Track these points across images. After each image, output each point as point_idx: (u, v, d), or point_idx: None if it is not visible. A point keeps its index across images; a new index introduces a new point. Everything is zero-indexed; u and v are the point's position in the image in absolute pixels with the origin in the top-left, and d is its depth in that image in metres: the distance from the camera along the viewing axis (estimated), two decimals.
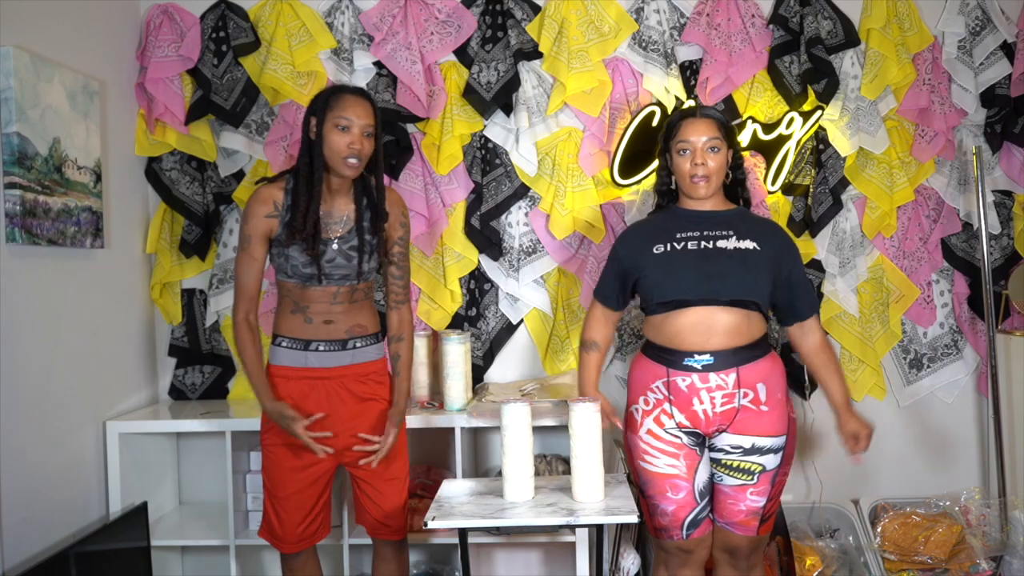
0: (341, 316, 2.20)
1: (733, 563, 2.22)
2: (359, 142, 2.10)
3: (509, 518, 1.89)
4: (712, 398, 2.09)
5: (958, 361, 3.09)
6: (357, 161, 2.11)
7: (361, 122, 2.10)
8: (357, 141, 2.09)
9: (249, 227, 2.14)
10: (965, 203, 3.07)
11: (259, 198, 2.14)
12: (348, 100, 2.11)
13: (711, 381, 2.08)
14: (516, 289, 3.04)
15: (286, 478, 2.20)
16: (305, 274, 2.14)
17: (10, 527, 2.27)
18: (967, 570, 2.77)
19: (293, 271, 2.14)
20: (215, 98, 2.99)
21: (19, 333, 2.34)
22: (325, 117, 2.10)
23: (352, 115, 2.09)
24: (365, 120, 2.11)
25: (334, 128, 2.09)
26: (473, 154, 3.05)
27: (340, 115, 2.09)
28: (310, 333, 2.18)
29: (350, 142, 2.09)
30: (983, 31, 3.01)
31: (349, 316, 2.21)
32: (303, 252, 2.12)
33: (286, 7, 3.02)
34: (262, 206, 2.13)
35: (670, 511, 2.14)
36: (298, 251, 2.12)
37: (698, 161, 2.13)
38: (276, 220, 2.13)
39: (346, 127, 2.09)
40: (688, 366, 2.08)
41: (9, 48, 2.29)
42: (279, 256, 2.16)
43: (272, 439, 2.21)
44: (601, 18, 3.00)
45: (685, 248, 2.13)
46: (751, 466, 2.12)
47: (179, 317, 3.12)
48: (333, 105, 2.10)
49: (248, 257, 2.15)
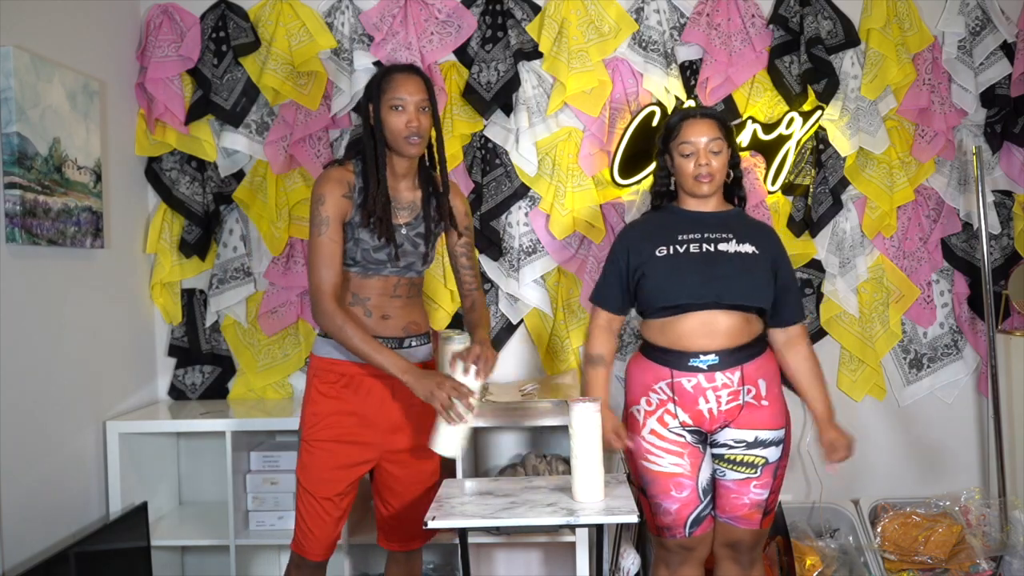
0: (399, 311, 2.14)
1: (735, 557, 2.23)
2: (416, 119, 2.06)
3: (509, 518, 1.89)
4: (718, 397, 2.10)
5: (958, 361, 3.09)
6: (418, 138, 2.07)
7: (415, 99, 2.06)
8: (414, 119, 2.06)
9: (326, 208, 2.04)
10: (965, 203, 3.07)
11: (333, 178, 2.07)
12: (399, 79, 2.08)
13: (717, 380, 2.09)
14: (516, 289, 3.04)
15: (330, 478, 2.10)
16: (375, 260, 2.08)
17: (10, 527, 2.27)
18: (967, 570, 2.77)
19: (363, 256, 2.08)
20: (215, 98, 2.99)
21: (19, 333, 2.34)
22: (380, 101, 2.07)
23: (405, 93, 2.06)
24: (419, 96, 2.07)
25: (391, 110, 2.06)
26: (473, 154, 3.05)
27: (393, 96, 2.06)
28: (368, 327, 2.09)
29: (408, 121, 2.05)
30: (983, 31, 3.01)
31: (405, 312, 2.16)
32: (374, 235, 2.06)
33: (286, 7, 3.02)
34: (338, 186, 2.06)
35: (674, 510, 2.15)
36: (369, 234, 2.06)
37: (702, 162, 2.13)
38: (350, 202, 2.07)
39: (401, 106, 2.05)
40: (694, 367, 2.09)
41: (9, 48, 2.29)
42: (349, 240, 2.08)
43: (320, 433, 2.09)
44: (601, 18, 3.00)
45: (688, 251, 2.13)
46: (754, 459, 2.13)
47: (179, 317, 3.12)
48: (385, 87, 2.07)
49: (329, 241, 2.04)
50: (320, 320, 2.03)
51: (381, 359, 1.99)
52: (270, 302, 3.08)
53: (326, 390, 2.10)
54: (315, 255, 2.05)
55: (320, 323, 2.04)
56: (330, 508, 2.11)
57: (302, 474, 2.11)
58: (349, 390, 2.10)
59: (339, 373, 2.10)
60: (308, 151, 3.03)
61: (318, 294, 2.03)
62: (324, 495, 2.10)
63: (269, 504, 2.81)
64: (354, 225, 2.07)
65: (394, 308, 2.14)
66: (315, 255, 2.05)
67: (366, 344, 1.99)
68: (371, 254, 2.08)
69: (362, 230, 2.07)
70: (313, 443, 2.10)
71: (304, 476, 2.11)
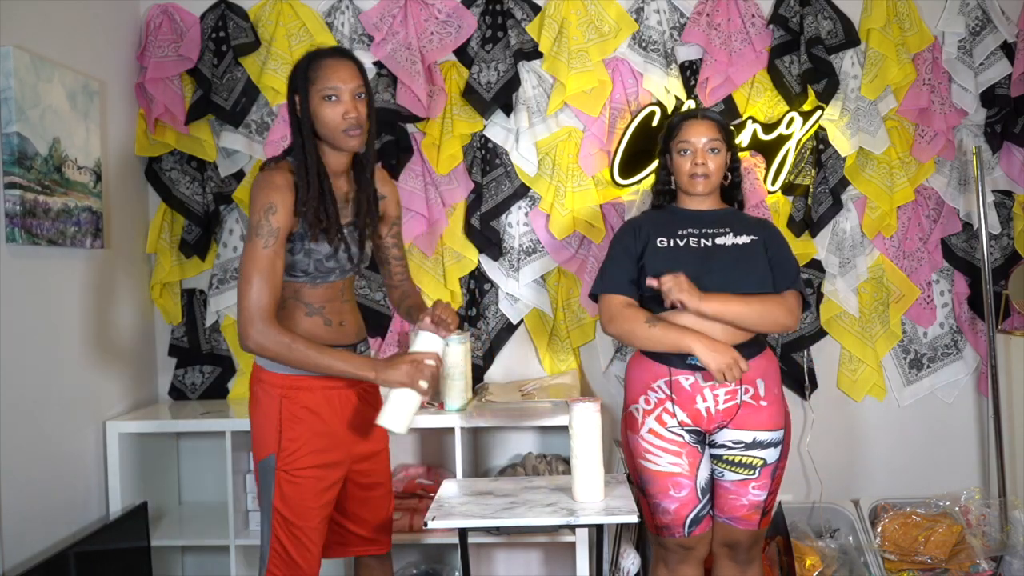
0: (349, 316, 2.04)
1: (733, 556, 2.23)
2: (353, 108, 1.86)
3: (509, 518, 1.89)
4: (715, 396, 2.10)
5: (958, 361, 3.09)
6: (358, 130, 1.88)
7: (350, 86, 1.86)
8: (351, 108, 1.86)
9: (278, 218, 1.83)
10: (965, 203, 3.07)
11: (281, 184, 1.85)
12: (330, 65, 1.87)
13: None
14: (516, 289, 3.04)
15: (316, 505, 1.95)
16: (327, 268, 1.93)
17: (10, 527, 2.27)
18: (967, 570, 2.77)
19: (316, 267, 1.92)
20: (215, 98, 2.99)
21: (19, 333, 2.34)
22: (309, 91, 1.86)
23: (338, 81, 1.85)
24: (353, 83, 1.87)
25: (322, 101, 1.85)
26: (473, 154, 3.05)
27: (325, 85, 1.85)
28: (331, 337, 1.96)
29: (344, 111, 1.86)
30: (983, 31, 3.01)
31: (354, 315, 2.06)
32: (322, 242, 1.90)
33: (286, 7, 3.02)
34: (289, 193, 1.85)
35: (672, 509, 2.15)
36: (317, 243, 1.90)
37: (699, 161, 2.16)
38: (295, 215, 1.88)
39: (335, 96, 1.85)
40: (691, 365, 2.09)
41: (9, 48, 2.29)
42: (298, 252, 1.90)
43: (302, 461, 1.92)
44: (601, 18, 3.00)
45: (687, 245, 2.15)
46: (752, 460, 2.13)
47: (179, 317, 3.12)
48: (314, 76, 1.86)
49: (274, 255, 1.83)
50: (258, 341, 1.80)
51: (345, 366, 1.84)
52: None
53: (298, 413, 1.92)
54: (255, 269, 1.81)
55: (257, 344, 1.80)
56: (318, 536, 1.97)
57: (284, 507, 1.92)
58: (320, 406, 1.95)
59: (308, 389, 1.93)
60: None
61: (257, 313, 1.79)
62: (313, 524, 1.95)
63: None
64: (302, 235, 1.89)
65: (346, 313, 2.03)
66: (255, 269, 1.81)
67: (324, 356, 1.83)
68: (324, 263, 1.93)
69: (310, 240, 1.90)
70: (295, 472, 1.92)
71: (288, 509, 1.92)
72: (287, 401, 1.92)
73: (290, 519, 1.93)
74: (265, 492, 1.96)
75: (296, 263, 1.92)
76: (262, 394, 1.95)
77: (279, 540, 1.94)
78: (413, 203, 2.97)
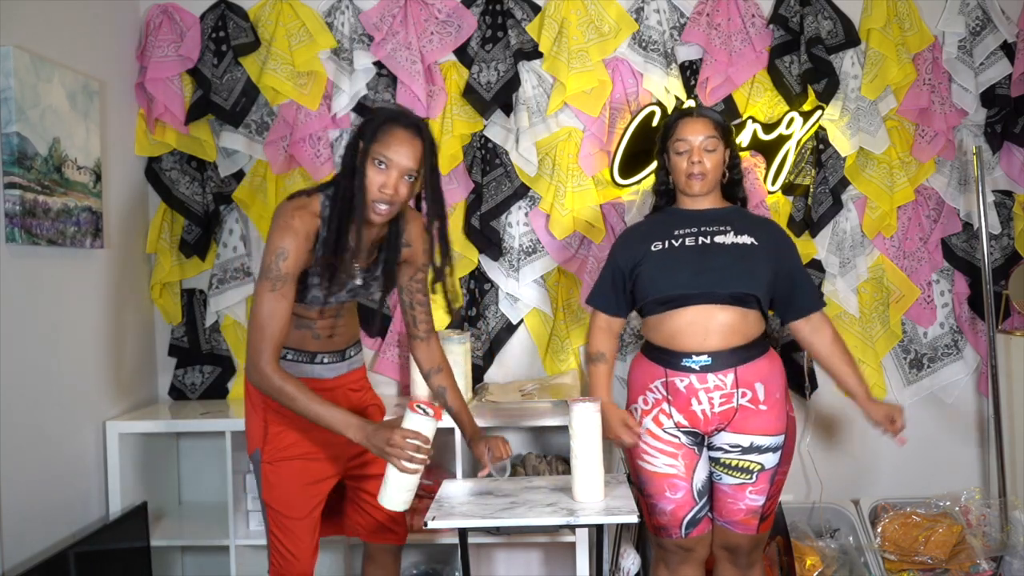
0: (342, 328, 2.10)
1: (733, 560, 2.23)
2: (394, 187, 1.84)
3: (509, 518, 1.89)
4: (710, 398, 2.09)
5: (958, 361, 3.09)
6: (387, 208, 1.86)
7: (403, 166, 1.83)
8: (391, 185, 1.83)
9: (288, 264, 1.85)
10: (965, 203, 3.07)
11: (299, 229, 1.86)
12: (398, 136, 1.83)
13: (709, 382, 2.08)
14: (516, 289, 3.04)
15: (298, 496, 2.01)
16: (324, 302, 1.99)
17: (10, 527, 2.27)
18: (967, 570, 2.76)
19: (312, 300, 1.98)
20: (215, 98, 2.99)
21: (19, 333, 2.34)
22: (367, 147, 1.84)
23: (395, 155, 1.82)
24: (408, 164, 1.83)
25: (372, 162, 1.84)
26: (473, 154, 3.05)
27: (382, 152, 1.83)
28: (317, 346, 2.05)
29: (382, 184, 1.83)
30: (983, 31, 3.01)
31: (347, 327, 2.12)
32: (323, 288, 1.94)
33: (286, 7, 3.02)
34: (305, 240, 1.87)
35: (669, 510, 2.15)
36: (318, 284, 1.94)
37: (695, 159, 2.15)
38: (311, 255, 1.90)
39: (385, 166, 1.83)
40: (686, 367, 2.09)
41: (9, 48, 2.29)
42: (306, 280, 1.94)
43: (277, 453, 2.00)
44: (601, 18, 3.00)
45: (683, 244, 2.14)
46: (750, 465, 2.12)
47: (179, 317, 3.12)
48: (380, 138, 1.84)
49: (283, 299, 1.85)
50: (257, 381, 1.87)
51: (330, 419, 1.84)
52: None
53: (281, 409, 1.96)
54: (265, 313, 1.84)
55: (257, 383, 1.88)
56: (307, 526, 2.03)
57: (270, 497, 2.00)
58: None
59: None
60: (308, 151, 3.03)
61: (260, 355, 1.84)
62: (300, 514, 2.02)
63: None
64: (309, 273, 1.92)
65: (338, 328, 2.08)
66: (265, 313, 1.84)
67: (312, 404, 1.84)
68: (320, 300, 1.98)
69: (315, 277, 1.93)
70: (278, 463, 2.00)
71: (273, 498, 2.00)
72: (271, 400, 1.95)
73: (278, 510, 2.01)
74: (258, 487, 2.05)
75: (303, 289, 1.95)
76: (253, 392, 2.03)
77: (273, 532, 2.03)
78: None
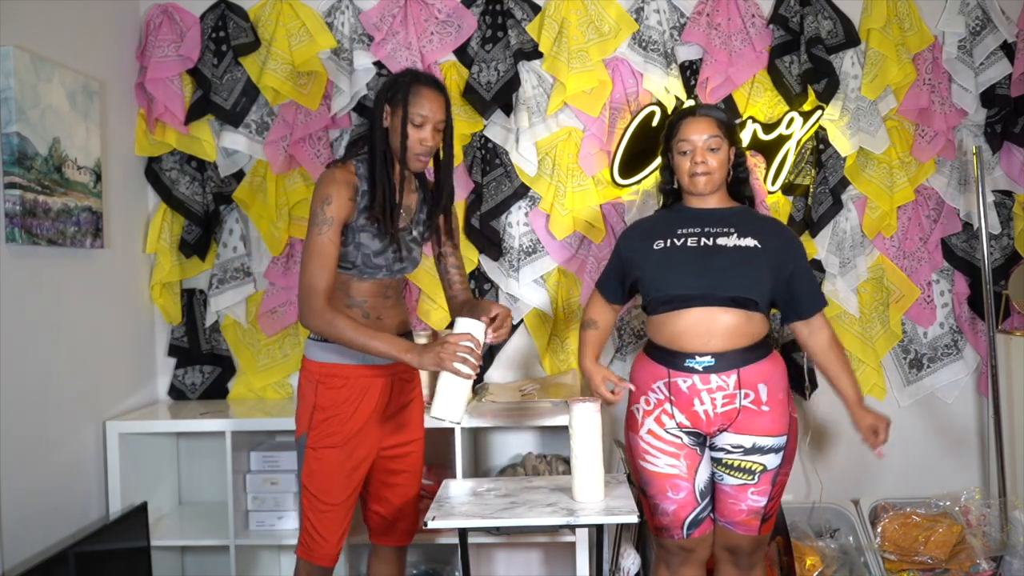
0: (390, 311, 2.15)
1: (734, 561, 2.22)
2: (432, 138, 2.05)
3: (509, 518, 1.89)
4: (713, 399, 2.08)
5: (958, 361, 3.09)
6: (427, 157, 2.07)
7: (436, 118, 2.05)
8: (430, 138, 2.04)
9: (332, 209, 1.99)
10: (965, 203, 3.07)
11: (339, 179, 2.02)
12: (427, 94, 2.04)
13: (712, 382, 2.07)
14: (516, 289, 3.04)
15: (340, 483, 2.08)
16: (374, 264, 2.07)
17: (10, 527, 2.27)
18: (967, 570, 2.77)
19: (363, 260, 2.06)
20: (215, 98, 2.99)
21: (19, 333, 2.34)
22: (401, 110, 2.03)
23: (428, 111, 2.03)
24: (439, 116, 2.05)
25: (409, 123, 2.03)
26: (473, 154, 3.05)
27: (418, 112, 2.02)
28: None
29: (422, 138, 2.04)
30: (983, 31, 3.01)
31: (395, 312, 2.17)
32: (375, 239, 2.04)
33: (286, 7, 3.02)
34: (345, 188, 2.01)
35: (671, 511, 2.14)
36: (370, 238, 2.04)
37: (698, 159, 2.14)
38: (354, 204, 2.03)
39: (421, 123, 2.03)
40: (689, 367, 2.08)
41: (9, 48, 2.29)
42: (349, 244, 2.05)
43: (324, 439, 2.07)
44: (601, 18, 3.00)
45: (685, 244, 2.13)
46: (752, 466, 2.12)
47: (179, 317, 3.12)
48: (412, 98, 2.03)
49: (329, 243, 1.99)
50: (310, 319, 1.99)
51: (379, 344, 1.95)
52: (270, 302, 3.08)
53: (330, 396, 2.07)
54: (313, 255, 2.00)
55: (309, 322, 1.99)
56: (342, 512, 2.11)
57: (310, 481, 2.08)
58: (352, 393, 2.08)
59: (342, 377, 2.07)
60: (308, 151, 3.03)
61: (311, 293, 1.98)
62: (336, 500, 2.09)
63: (269, 504, 2.81)
64: (355, 229, 2.04)
65: (386, 310, 2.14)
66: (313, 255, 2.00)
67: (360, 334, 1.95)
68: (371, 259, 2.07)
69: (363, 233, 2.04)
70: (321, 449, 2.07)
71: (313, 483, 2.08)
72: (322, 387, 2.07)
73: (316, 494, 2.08)
74: (299, 469, 2.12)
75: (346, 254, 2.05)
76: (304, 380, 2.12)
77: (307, 515, 2.10)
78: None
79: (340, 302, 2.08)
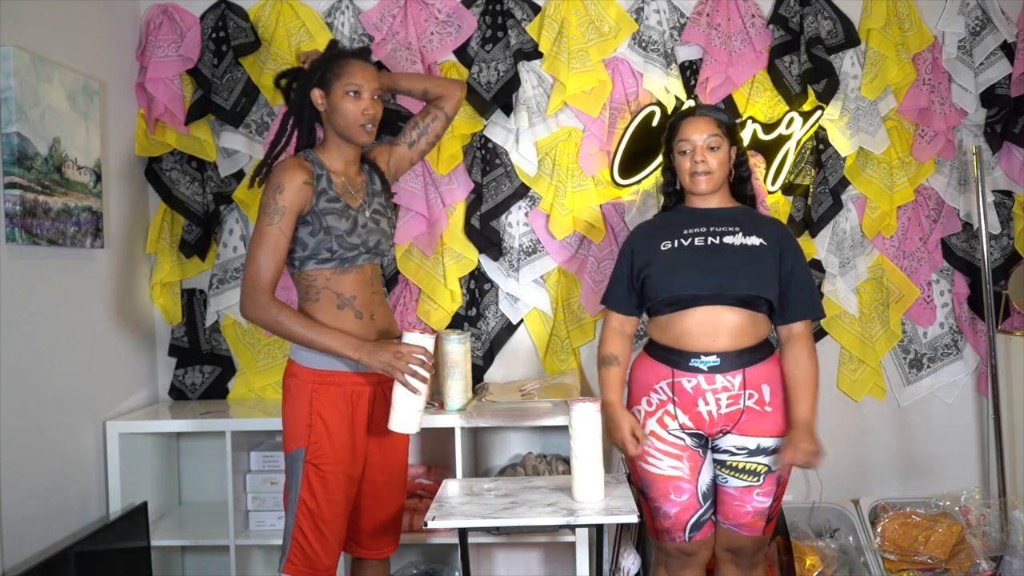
0: (380, 309, 2.11)
1: (736, 562, 2.22)
2: (371, 107, 2.05)
3: (509, 518, 1.89)
4: (718, 400, 2.08)
5: (958, 361, 3.09)
6: (372, 126, 2.06)
7: (372, 86, 2.05)
8: (370, 106, 2.05)
9: (284, 197, 1.94)
10: (965, 203, 3.07)
11: (291, 165, 1.99)
12: (355, 65, 2.05)
13: (717, 383, 2.07)
14: (516, 289, 3.04)
15: (339, 498, 2.02)
16: (350, 245, 2.01)
17: (10, 527, 2.27)
18: (967, 570, 2.77)
19: (339, 244, 2.00)
20: (215, 98, 2.99)
21: (19, 333, 2.34)
22: (333, 86, 2.04)
23: (361, 79, 2.04)
24: (375, 84, 2.06)
25: (345, 96, 2.03)
26: (473, 154, 3.05)
27: (350, 82, 2.03)
28: (363, 332, 2.03)
29: (364, 108, 2.04)
30: (983, 31, 3.01)
31: (385, 310, 2.13)
32: (342, 217, 2.00)
33: (286, 7, 3.02)
34: (298, 173, 1.98)
35: (673, 513, 2.14)
36: (336, 218, 2.00)
37: (698, 159, 2.14)
38: (311, 188, 1.99)
39: (357, 92, 2.03)
40: (694, 367, 2.08)
41: (9, 48, 2.29)
42: (317, 233, 1.99)
43: (332, 456, 1.99)
44: (601, 18, 3.00)
45: (692, 244, 2.12)
46: (756, 467, 2.12)
47: (179, 317, 3.12)
48: (340, 72, 2.04)
49: (279, 232, 1.94)
50: (254, 313, 1.93)
51: (328, 340, 1.91)
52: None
53: (328, 406, 2.00)
54: (261, 245, 1.93)
55: (253, 316, 1.94)
56: (339, 529, 2.05)
57: (312, 499, 1.99)
58: (346, 402, 2.03)
59: (337, 384, 2.02)
60: None
61: (256, 286, 1.92)
62: (336, 517, 2.03)
63: (269, 504, 2.81)
64: (319, 214, 2.00)
65: (376, 307, 2.10)
66: (261, 245, 1.93)
67: (310, 330, 1.91)
68: (345, 239, 2.01)
69: (329, 216, 2.00)
70: (324, 466, 2.00)
71: (315, 501, 1.99)
72: (317, 395, 2.00)
73: (315, 511, 2.00)
74: (293, 484, 2.03)
75: (320, 244, 2.00)
76: (294, 387, 2.03)
77: (302, 531, 2.01)
78: (413, 203, 2.97)
79: (331, 304, 2.02)
